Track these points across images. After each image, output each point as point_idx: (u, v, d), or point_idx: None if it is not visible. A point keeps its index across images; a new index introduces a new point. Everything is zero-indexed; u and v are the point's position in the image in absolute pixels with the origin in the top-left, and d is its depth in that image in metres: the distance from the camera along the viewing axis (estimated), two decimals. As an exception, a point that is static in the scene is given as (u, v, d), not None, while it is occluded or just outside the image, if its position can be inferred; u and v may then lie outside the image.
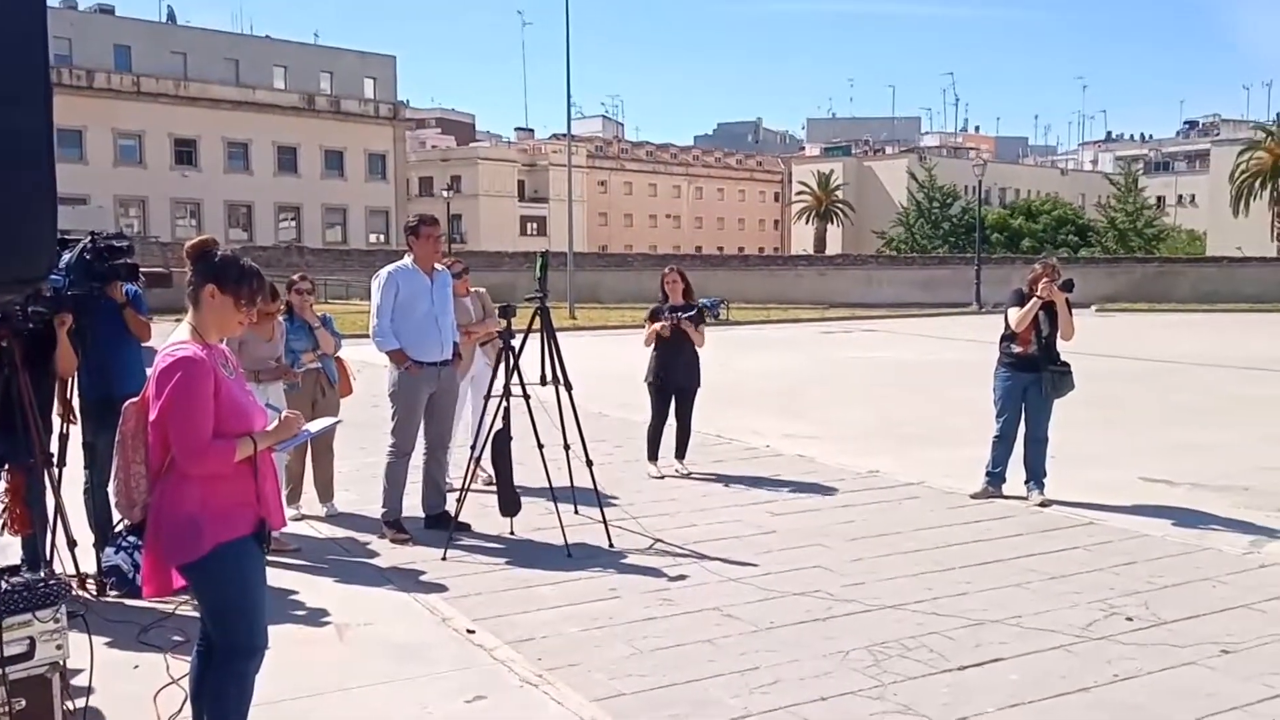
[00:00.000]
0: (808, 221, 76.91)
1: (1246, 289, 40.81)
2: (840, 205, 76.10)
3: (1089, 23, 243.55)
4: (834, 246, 72.38)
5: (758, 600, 5.66)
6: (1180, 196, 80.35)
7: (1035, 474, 8.00)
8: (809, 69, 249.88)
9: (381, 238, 59.89)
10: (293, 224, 58.89)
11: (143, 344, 5.95)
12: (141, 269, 5.91)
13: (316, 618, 5.40)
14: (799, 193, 78.69)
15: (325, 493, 7.49)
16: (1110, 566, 6.28)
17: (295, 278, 7.52)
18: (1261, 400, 14.13)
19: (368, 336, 7.11)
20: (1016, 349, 8.04)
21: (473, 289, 8.35)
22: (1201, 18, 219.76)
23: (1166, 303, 39.11)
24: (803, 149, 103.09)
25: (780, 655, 4.88)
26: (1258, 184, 59.67)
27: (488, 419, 6.72)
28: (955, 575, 6.11)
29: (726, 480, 8.73)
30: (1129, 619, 5.37)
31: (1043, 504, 7.77)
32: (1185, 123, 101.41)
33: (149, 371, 3.46)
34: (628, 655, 4.90)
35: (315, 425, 3.93)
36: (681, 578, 6.07)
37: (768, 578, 6.04)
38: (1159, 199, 73.85)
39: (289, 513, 6.41)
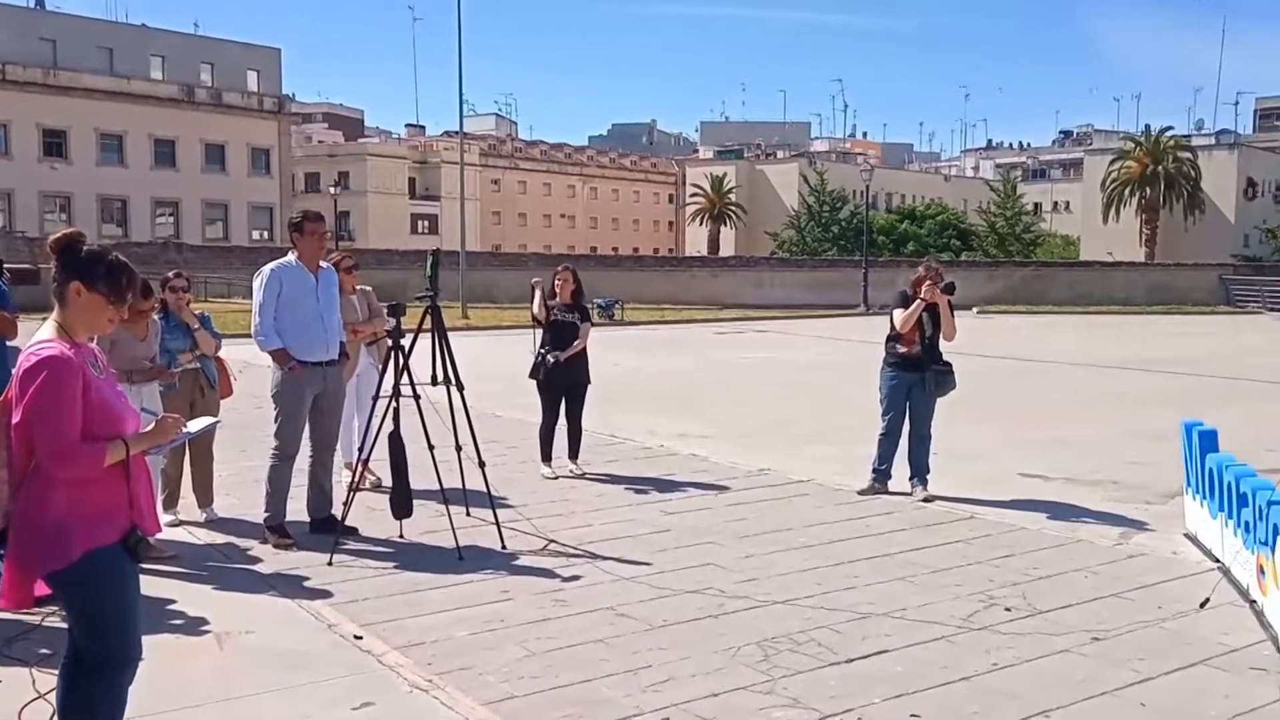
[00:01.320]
0: (701, 223, 77.61)
1: (1117, 292, 42.55)
2: (733, 207, 76.97)
3: (971, 34, 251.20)
4: (727, 248, 73.17)
5: (650, 599, 5.68)
6: (1056, 203, 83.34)
7: (919, 470, 8.20)
8: (702, 72, 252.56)
9: (265, 234, 58.31)
10: (171, 220, 56.91)
11: (8, 342, 5.68)
12: (6, 265, 5.64)
13: (195, 627, 5.22)
14: (693, 194, 79.33)
15: (204, 497, 7.26)
16: (990, 559, 6.47)
17: (170, 275, 7.28)
18: (1130, 397, 14.75)
19: (250, 336, 6.91)
20: (901, 349, 8.23)
21: (359, 287, 8.19)
22: (1076, 32, 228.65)
23: (1043, 305, 40.51)
24: (696, 151, 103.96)
25: (672, 653, 4.91)
26: (1127, 192, 62.32)
27: (375, 420, 6.59)
28: (843, 570, 6.22)
29: (620, 480, 8.74)
30: (1007, 609, 5.54)
31: (926, 499, 7.97)
32: (1061, 132, 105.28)
33: (13, 371, 3.29)
34: (520, 657, 4.87)
35: (194, 425, 3.79)
36: (575, 578, 6.05)
37: (661, 576, 6.07)
38: (1036, 205, 76.41)
39: (165, 518, 6.21)
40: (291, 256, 6.79)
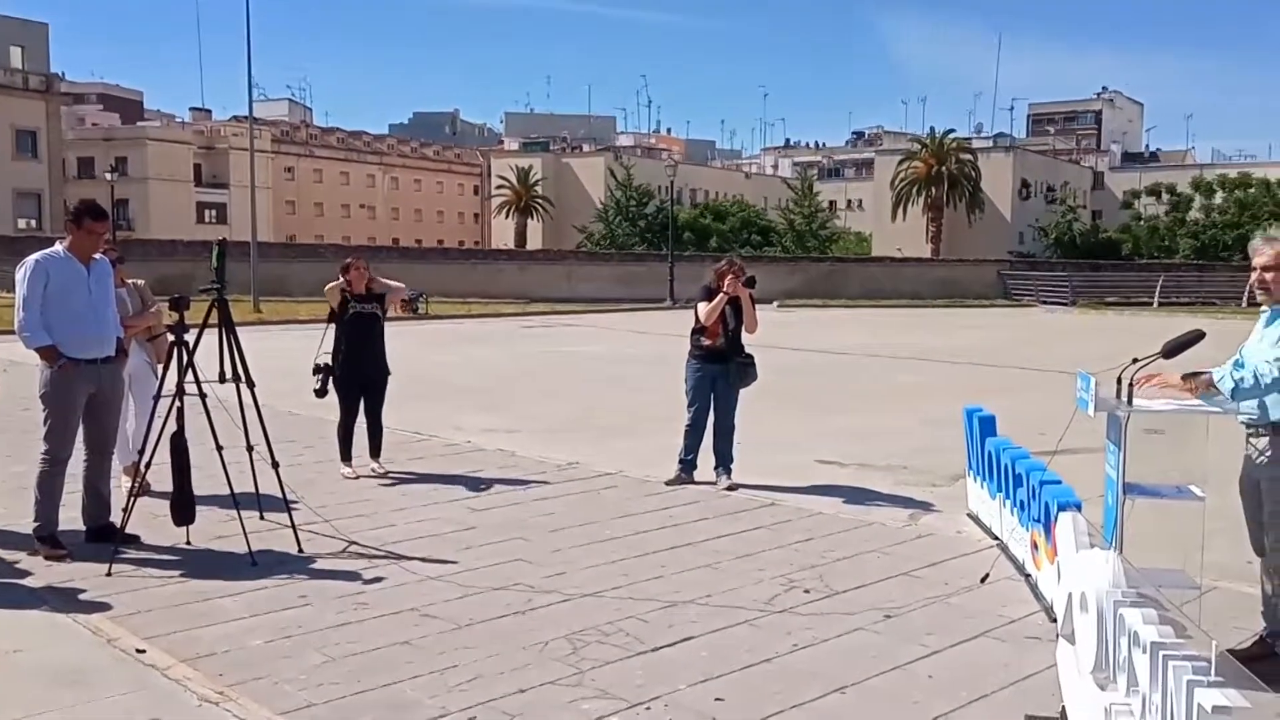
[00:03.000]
0: (508, 216, 77.13)
1: (905, 286, 44.85)
2: (540, 200, 76.84)
3: (769, 35, 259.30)
4: (535, 241, 73.02)
5: (457, 598, 5.57)
6: (850, 201, 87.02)
7: (723, 460, 8.38)
8: (507, 63, 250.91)
9: (33, 223, 54.09)
10: (-77, 206, 52.30)
11: None
12: None
13: (-46, 648, 4.79)
14: (499, 186, 78.73)
15: (-33, 508, 6.67)
16: (790, 544, 6.67)
17: None
18: (918, 387, 15.54)
19: (14, 332, 6.37)
20: (705, 342, 8.39)
21: (129, 280, 7.69)
22: (868, 37, 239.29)
23: (839, 299, 42.27)
24: (501, 143, 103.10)
25: (480, 651, 4.83)
26: (914, 191, 65.74)
27: (157, 421, 6.21)
28: (650, 560, 6.28)
29: (425, 478, 8.56)
30: (806, 591, 5.72)
31: (730, 488, 8.15)
32: (853, 133, 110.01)
33: None
34: (319, 664, 4.69)
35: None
36: (377, 580, 5.88)
37: (467, 574, 5.97)
38: (832, 203, 79.68)
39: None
40: (59, 246, 6.29)
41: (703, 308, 8.34)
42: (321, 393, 8.48)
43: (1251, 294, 4.74)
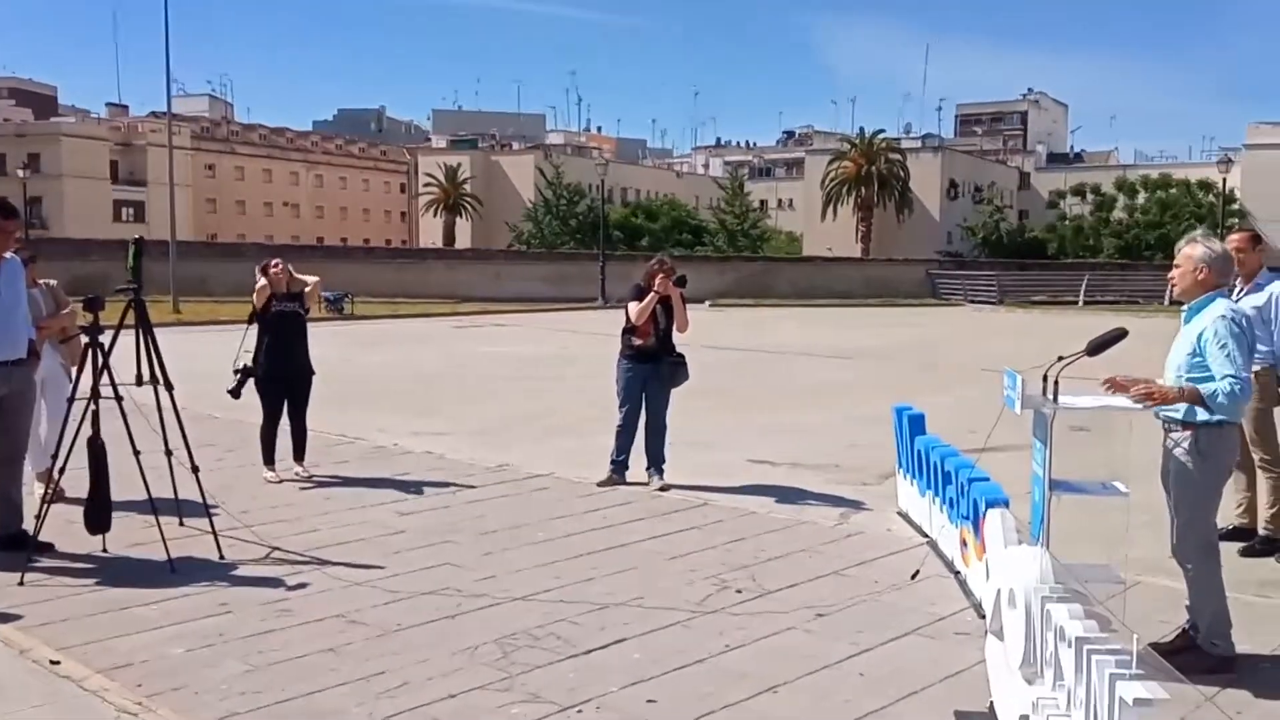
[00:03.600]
0: (436, 214, 76.46)
1: (836, 285, 45.29)
2: (469, 199, 76.30)
3: (700, 34, 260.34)
4: (463, 240, 72.49)
5: (384, 603, 5.47)
6: (781, 200, 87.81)
7: (655, 460, 8.36)
8: (434, 60, 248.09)
9: (-62, 222, 52.34)
10: None
11: None
12: None
13: None
14: (426, 184, 78.00)
15: None
16: (722, 544, 6.67)
17: None
18: (849, 385, 15.69)
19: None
20: (637, 341, 8.36)
21: (42, 280, 7.43)
22: (798, 37, 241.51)
23: (770, 298, 42.57)
24: (429, 140, 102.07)
25: (408, 657, 4.75)
26: (844, 190, 66.52)
27: (71, 425, 6.01)
28: (582, 562, 6.23)
29: (351, 481, 8.41)
30: (738, 591, 5.72)
31: (663, 488, 8.13)
32: (784, 132, 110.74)
33: None
34: (242, 672, 4.56)
35: None
36: (302, 586, 5.75)
37: (395, 579, 5.86)
38: (763, 202, 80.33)
39: None
40: (-32, 245, 6.07)
41: (633, 307, 8.31)
42: (236, 393, 8.29)
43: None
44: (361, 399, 13.12)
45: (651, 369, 8.34)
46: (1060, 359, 4.59)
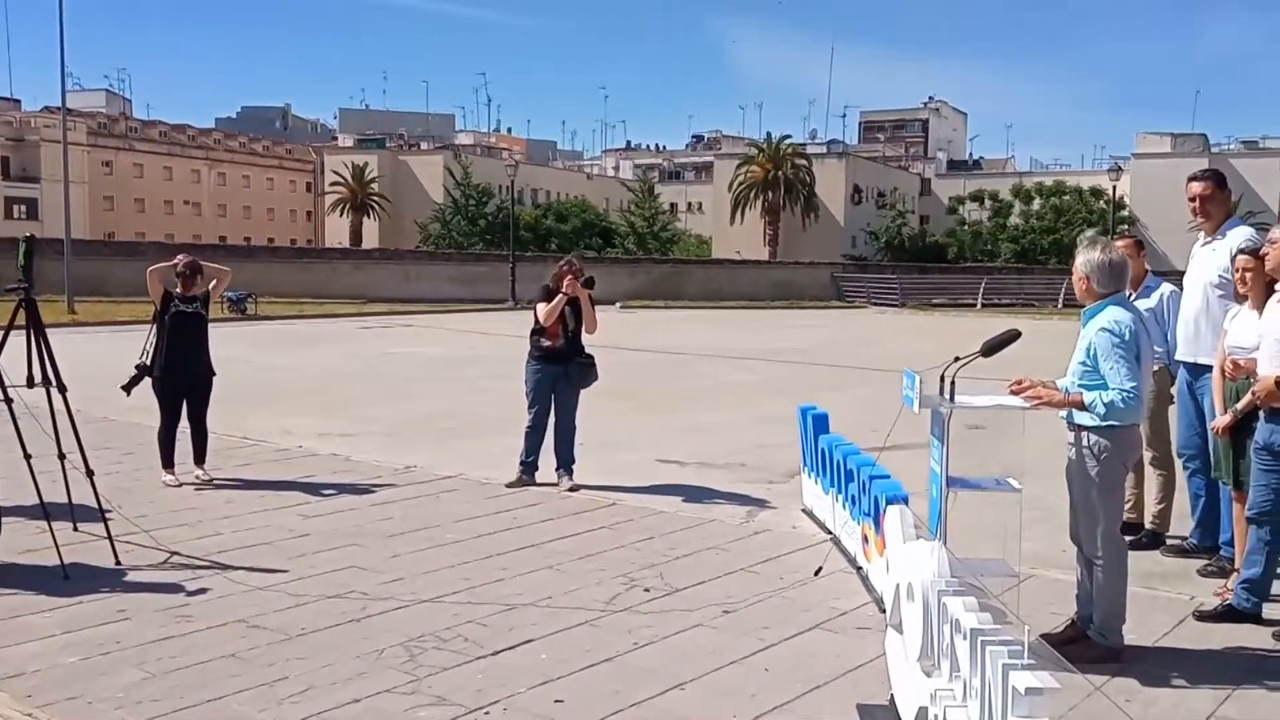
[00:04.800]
0: (343, 214, 75.21)
1: (744, 288, 45.77)
2: (376, 199, 75.22)
3: (610, 37, 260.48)
4: (371, 240, 71.41)
5: (287, 608, 5.39)
6: (690, 204, 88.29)
7: (565, 461, 8.37)
8: (340, 58, 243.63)
9: None
10: None
11: None
12: None
13: None
14: (333, 184, 76.65)
15: None
16: (631, 543, 6.71)
17: None
18: (756, 386, 15.88)
19: None
20: (545, 343, 8.36)
21: None
22: (707, 41, 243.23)
23: (679, 300, 42.81)
24: (335, 139, 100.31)
25: (312, 662, 4.68)
26: (752, 194, 67.23)
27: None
28: (491, 564, 6.22)
29: (254, 484, 8.25)
30: (647, 590, 5.76)
31: (572, 489, 8.14)
32: (693, 136, 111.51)
33: None
34: (139, 681, 4.45)
35: None
36: (202, 591, 5.63)
37: (299, 583, 5.78)
38: (672, 205, 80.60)
39: None
40: None
41: (541, 308, 8.31)
42: (129, 390, 8.07)
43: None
44: (265, 401, 12.86)
45: (560, 370, 8.35)
46: (957, 359, 4.73)
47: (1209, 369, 5.96)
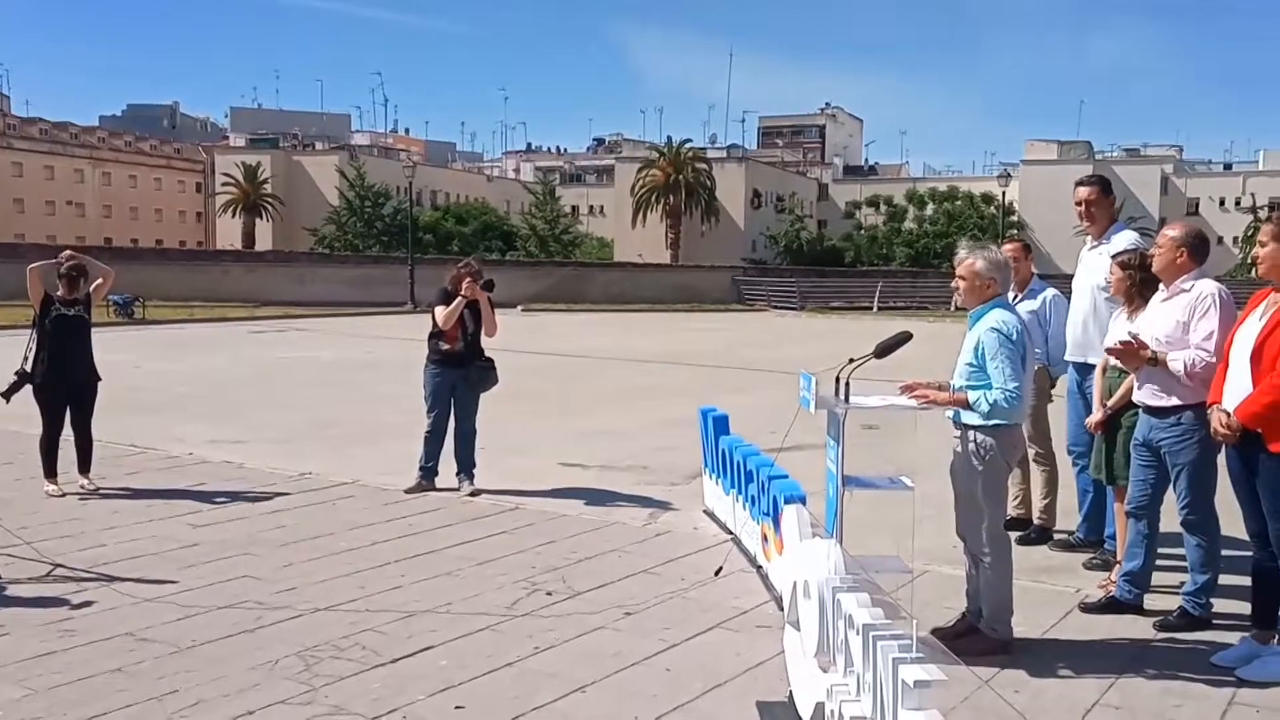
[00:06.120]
0: (234, 215, 73.29)
1: (646, 291, 45.98)
2: (269, 200, 73.50)
3: (509, 38, 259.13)
4: (264, 242, 69.71)
5: (177, 619, 5.23)
6: (592, 207, 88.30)
7: (465, 466, 8.29)
8: (231, 56, 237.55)
9: None
10: None
11: None
12: None
13: None
14: (224, 184, 74.65)
15: None
16: (533, 547, 6.68)
17: None
18: (658, 388, 15.95)
19: None
20: (444, 346, 8.27)
21: None
22: (607, 44, 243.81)
23: (581, 303, 42.79)
24: (226, 139, 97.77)
25: (203, 674, 4.56)
26: (654, 198, 67.53)
27: None
28: (389, 570, 6.13)
29: (142, 494, 7.99)
30: (549, 594, 5.74)
31: (473, 494, 8.07)
32: (594, 139, 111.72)
33: None
34: (19, 698, 4.28)
35: None
36: (86, 604, 5.43)
37: (189, 594, 5.61)
38: (574, 208, 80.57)
39: None
40: None
41: (440, 311, 8.23)
42: (7, 397, 7.75)
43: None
44: (153, 407, 12.47)
45: (459, 374, 8.27)
46: (851, 361, 4.82)
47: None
